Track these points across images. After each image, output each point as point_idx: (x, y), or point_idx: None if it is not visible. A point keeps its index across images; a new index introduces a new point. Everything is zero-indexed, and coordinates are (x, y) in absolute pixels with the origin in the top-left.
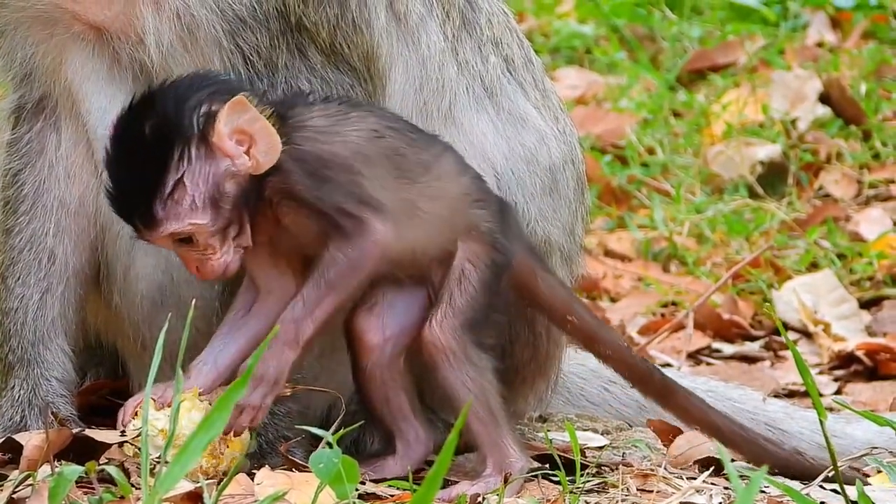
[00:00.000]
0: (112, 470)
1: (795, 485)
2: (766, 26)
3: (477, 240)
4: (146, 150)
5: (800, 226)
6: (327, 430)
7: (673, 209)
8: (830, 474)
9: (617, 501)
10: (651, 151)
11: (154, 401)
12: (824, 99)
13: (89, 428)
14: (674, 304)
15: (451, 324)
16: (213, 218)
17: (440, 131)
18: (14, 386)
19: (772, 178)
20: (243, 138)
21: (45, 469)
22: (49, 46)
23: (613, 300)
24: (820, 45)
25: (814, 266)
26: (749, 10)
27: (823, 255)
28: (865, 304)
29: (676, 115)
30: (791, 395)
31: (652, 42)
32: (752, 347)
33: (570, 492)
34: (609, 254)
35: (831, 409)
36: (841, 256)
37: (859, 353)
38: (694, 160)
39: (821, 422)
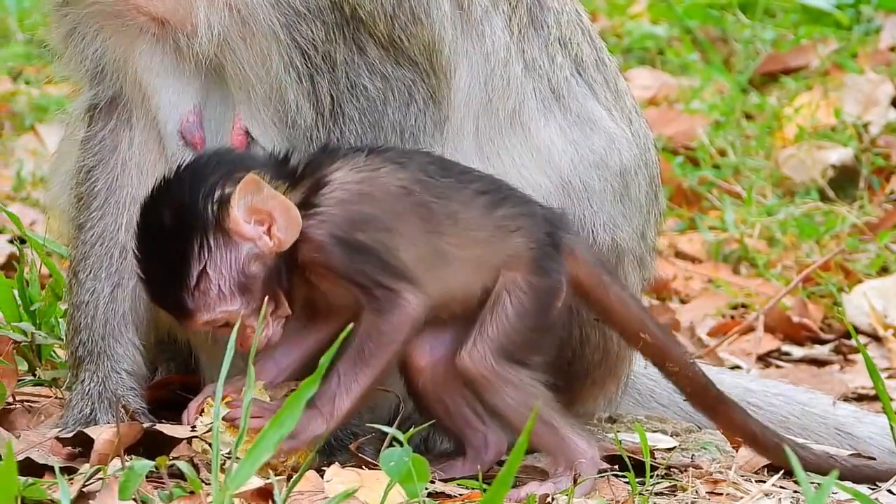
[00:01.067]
0: (182, 465)
1: (864, 489)
2: (838, 30)
3: (516, 267)
4: (167, 241)
5: (871, 229)
6: (396, 428)
7: (744, 211)
8: None
9: None
10: (723, 153)
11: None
12: None
13: (159, 422)
14: (744, 306)
15: (480, 351)
16: (243, 302)
17: (505, 133)
18: (84, 379)
19: (843, 181)
20: (262, 218)
21: (115, 463)
22: (117, 41)
23: (683, 301)
24: (893, 49)
25: (884, 270)
26: (822, 13)
27: (894, 259)
28: None
29: (748, 117)
30: (860, 398)
31: (724, 44)
32: (821, 351)
33: (640, 493)
34: (679, 255)
35: None
36: None
37: None
38: (765, 163)
39: (891, 426)
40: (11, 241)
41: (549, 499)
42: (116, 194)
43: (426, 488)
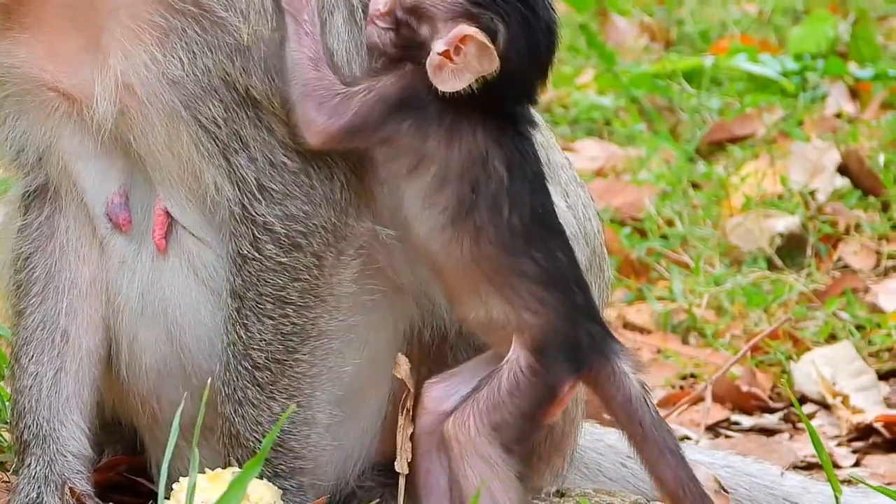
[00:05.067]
0: None
1: None
2: (784, 97)
3: (524, 344)
4: None
5: (818, 297)
6: None
7: (692, 281)
8: None
9: None
10: (670, 223)
11: None
12: (843, 170)
13: None
14: (693, 376)
15: (465, 416)
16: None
17: None
18: (30, 463)
19: (791, 249)
20: (457, 50)
21: None
22: (38, 124)
23: None
24: (838, 115)
25: (833, 338)
26: (768, 81)
27: (842, 326)
28: (884, 376)
29: (695, 186)
30: (810, 467)
31: (671, 113)
32: (770, 420)
33: None
34: (628, 326)
35: (849, 482)
36: (860, 328)
37: (878, 426)
38: (713, 232)
39: (836, 497)
40: None
41: None
42: (55, 279)
43: None
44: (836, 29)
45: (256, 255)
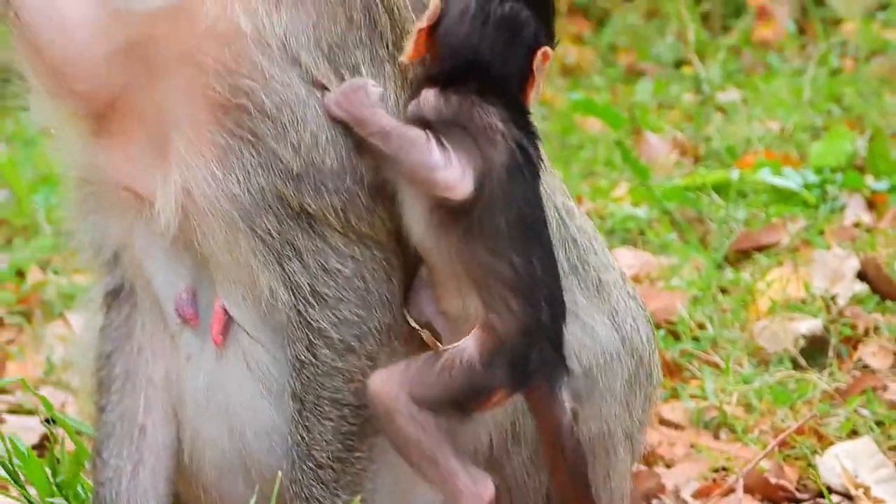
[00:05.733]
0: None
1: None
2: (806, 208)
3: (477, 343)
4: None
5: (840, 395)
6: None
7: (722, 380)
8: None
9: None
10: (701, 326)
11: None
12: (862, 276)
13: None
14: (724, 469)
15: (392, 378)
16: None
17: None
18: None
19: (814, 350)
20: None
21: None
22: (114, 224)
23: (668, 466)
24: (857, 225)
25: (854, 433)
26: (791, 193)
27: (863, 422)
28: None
29: (724, 292)
30: None
31: (701, 224)
32: None
33: None
34: (663, 422)
35: None
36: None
37: None
38: (741, 334)
39: None
40: (47, 421)
41: None
42: (133, 377)
43: None
44: (854, 144)
45: (313, 360)
